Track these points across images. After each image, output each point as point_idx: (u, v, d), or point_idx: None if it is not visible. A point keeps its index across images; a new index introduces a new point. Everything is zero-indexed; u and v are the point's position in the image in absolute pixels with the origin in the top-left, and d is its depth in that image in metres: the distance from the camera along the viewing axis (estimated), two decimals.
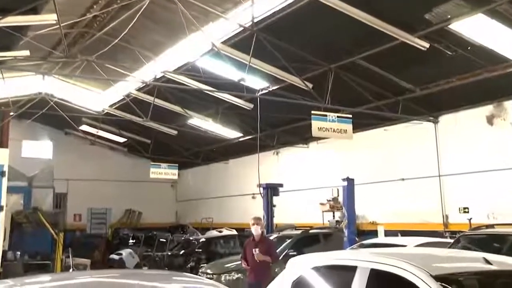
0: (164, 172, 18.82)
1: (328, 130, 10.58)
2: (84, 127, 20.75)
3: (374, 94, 12.35)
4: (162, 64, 13.04)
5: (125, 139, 22.06)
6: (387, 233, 13.08)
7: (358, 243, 9.49)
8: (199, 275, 9.28)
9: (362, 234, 13.75)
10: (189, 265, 12.86)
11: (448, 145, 12.86)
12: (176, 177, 19.56)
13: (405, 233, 11.94)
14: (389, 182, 14.19)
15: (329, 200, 15.91)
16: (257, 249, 7.54)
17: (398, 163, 14.03)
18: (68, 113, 16.87)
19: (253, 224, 7.83)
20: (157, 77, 13.43)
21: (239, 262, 8.62)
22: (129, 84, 15.07)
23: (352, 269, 4.05)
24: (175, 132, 19.00)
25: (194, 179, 25.09)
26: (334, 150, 16.17)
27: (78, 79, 16.19)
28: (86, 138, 21.63)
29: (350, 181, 12.34)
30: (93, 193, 22.68)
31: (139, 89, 15.59)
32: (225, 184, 21.90)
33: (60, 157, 19.14)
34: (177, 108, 16.11)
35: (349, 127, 10.84)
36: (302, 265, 4.74)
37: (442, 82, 11.44)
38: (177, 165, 19.30)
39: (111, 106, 17.77)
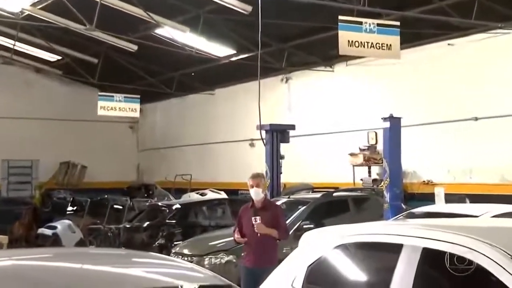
0: (119, 107, 18.78)
1: (364, 45, 10.44)
2: None
3: None
4: None
5: (59, 57, 21.83)
6: (449, 198, 13.22)
7: (406, 212, 9.60)
8: (172, 257, 9.46)
9: (411, 199, 13.90)
10: (157, 243, 13.07)
11: None
12: (137, 114, 19.55)
13: (476, 198, 12.08)
14: (454, 123, 14.20)
15: (363, 150, 16.01)
16: (257, 218, 7.61)
17: (468, 95, 13.97)
18: None
19: (252, 186, 7.86)
20: None
21: (230, 238, 8.73)
22: None
23: (396, 248, 4.10)
24: (135, 47, 18.79)
25: (164, 117, 25.11)
26: (372, 75, 16.08)
27: None
28: None
29: (394, 122, 12.31)
30: (10, 137, 22.79)
31: None
32: (210, 125, 21.95)
33: None
34: (137, 11, 15.81)
35: (395, 40, 10.68)
36: (322, 242, 4.80)
37: None
38: (138, 96, 19.23)
39: (34, 5, 17.41)
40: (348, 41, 10.33)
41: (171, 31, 16.90)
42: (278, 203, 10.70)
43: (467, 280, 3.78)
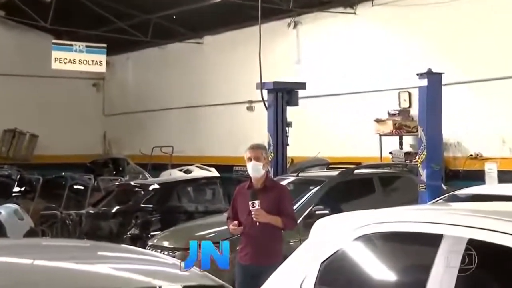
0: (80, 59, 18.69)
1: None
2: None
3: None
4: None
5: None
6: (504, 177, 13.25)
7: (447, 194, 9.62)
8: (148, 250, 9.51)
9: (454, 178, 13.92)
10: (129, 233, 13.16)
11: None
12: (103, 68, 19.47)
13: None
14: (511, 79, 14.17)
15: (393, 115, 15.98)
16: (256, 202, 7.62)
17: None
18: None
19: (251, 159, 7.85)
20: None
21: (223, 227, 8.77)
22: None
23: (434, 240, 4.11)
24: None
25: (138, 73, 25.03)
26: (405, 18, 16.02)
27: None
28: None
29: (433, 79, 12.25)
30: None
31: None
32: (197, 83, 21.91)
33: None
34: None
35: None
36: (339, 232, 4.81)
37: None
38: (104, 45, 19.13)
39: None
40: None
41: None
42: (284, 182, 10.74)
43: None
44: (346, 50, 17.56)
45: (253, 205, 7.53)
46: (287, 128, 14.43)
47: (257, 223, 7.60)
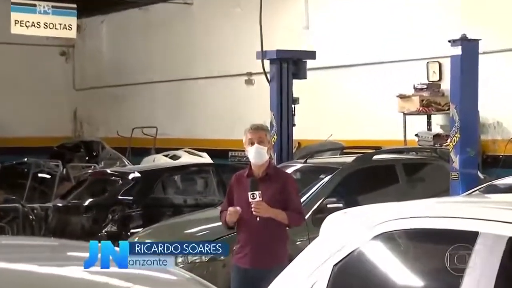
0: (45, 22, 18.66)
1: None
2: None
3: None
4: None
5: None
6: None
7: (485, 184, 9.66)
8: None
9: (493, 165, 13.94)
10: (104, 231, 13.21)
11: None
12: (73, 34, 19.44)
13: None
14: None
15: (420, 90, 15.98)
16: (257, 194, 7.62)
17: None
18: None
19: (253, 142, 7.84)
20: None
21: (217, 224, 8.80)
22: None
23: (468, 238, 4.13)
24: None
25: (115, 39, 25.01)
26: None
27: None
28: None
29: (469, 46, 12.27)
30: None
31: None
32: (186, 52, 21.91)
33: None
34: None
35: None
36: (355, 229, 4.83)
37: None
38: (74, 6, 19.10)
39: None
40: None
41: None
42: (289, 170, 10.77)
43: None
44: (365, 13, 17.53)
45: (253, 196, 7.51)
46: (293, 106, 14.45)
47: (258, 218, 7.60)
